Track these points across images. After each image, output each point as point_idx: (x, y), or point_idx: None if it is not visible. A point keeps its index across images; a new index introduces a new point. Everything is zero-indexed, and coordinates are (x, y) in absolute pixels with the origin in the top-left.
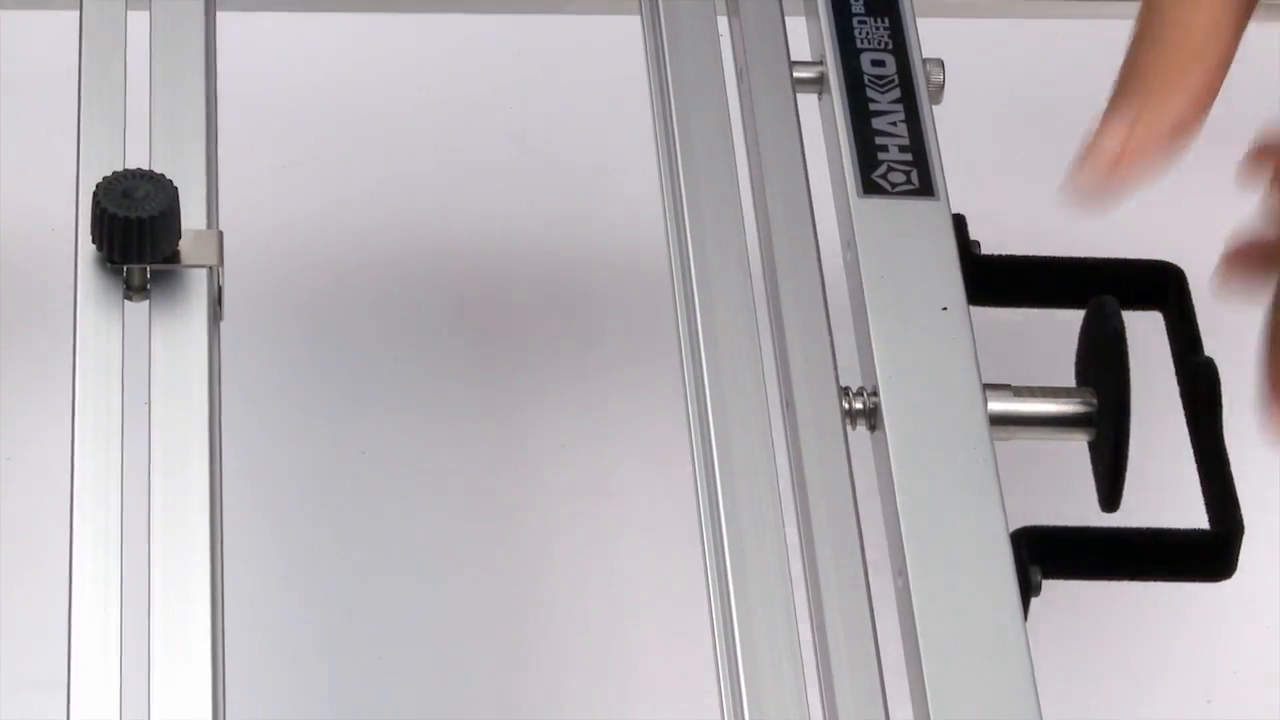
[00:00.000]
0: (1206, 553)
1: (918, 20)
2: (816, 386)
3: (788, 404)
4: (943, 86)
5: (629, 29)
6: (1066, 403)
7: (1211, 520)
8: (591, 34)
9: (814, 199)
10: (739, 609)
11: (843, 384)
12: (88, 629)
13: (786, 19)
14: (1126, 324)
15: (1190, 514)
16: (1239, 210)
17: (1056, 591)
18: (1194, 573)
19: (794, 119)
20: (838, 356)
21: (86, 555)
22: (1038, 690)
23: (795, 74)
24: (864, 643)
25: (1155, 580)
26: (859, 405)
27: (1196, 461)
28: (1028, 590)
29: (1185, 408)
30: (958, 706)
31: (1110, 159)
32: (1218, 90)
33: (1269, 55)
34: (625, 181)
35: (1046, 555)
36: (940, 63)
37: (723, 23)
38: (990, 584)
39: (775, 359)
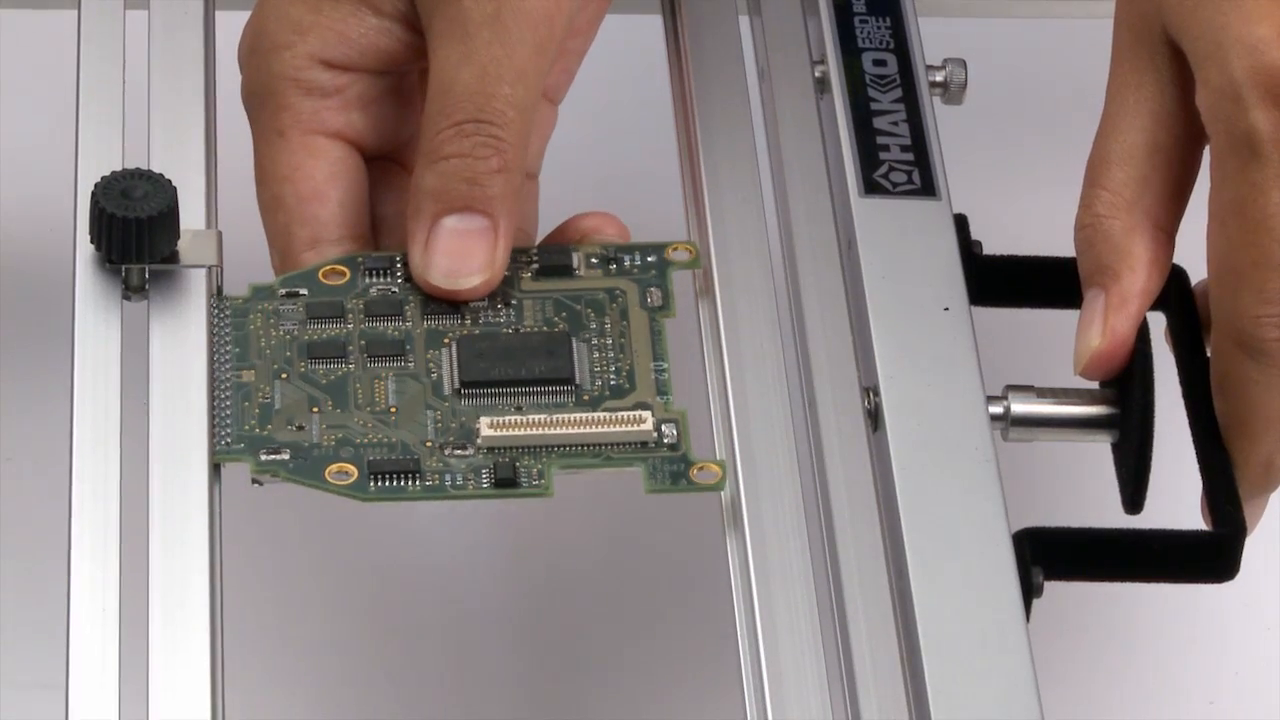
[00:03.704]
0: (1209, 554)
1: (919, 20)
2: (837, 382)
3: (809, 402)
4: (965, 86)
5: (649, 27)
6: (1090, 404)
7: (1213, 521)
8: (611, 32)
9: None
10: (761, 605)
11: None
12: (87, 629)
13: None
14: None
15: (1192, 515)
16: None
17: (1058, 592)
18: (1196, 574)
19: (815, 118)
20: None
21: (86, 555)
22: (1039, 691)
23: None
24: (886, 640)
25: (1157, 581)
26: (863, 405)
27: (1198, 462)
28: (1030, 591)
29: (1187, 408)
30: (959, 706)
31: (1098, 354)
32: (1172, 247)
33: None
34: (647, 180)
35: (1048, 556)
36: (963, 62)
37: (744, 22)
38: (992, 585)
39: (797, 357)
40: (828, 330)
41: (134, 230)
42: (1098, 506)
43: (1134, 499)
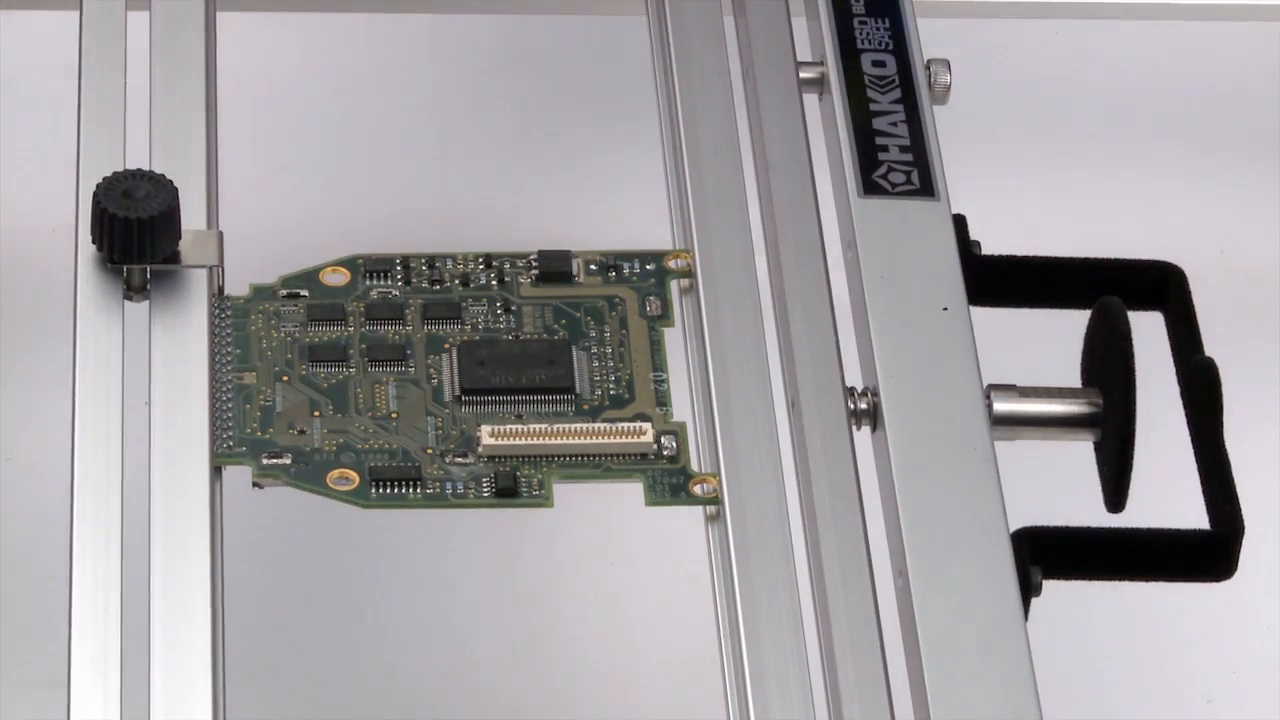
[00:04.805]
0: (1207, 553)
1: (918, 20)
2: (822, 386)
3: (793, 403)
4: (949, 87)
5: (633, 29)
6: (1072, 403)
7: (1212, 520)
8: (596, 34)
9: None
10: (744, 609)
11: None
12: (88, 629)
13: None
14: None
15: (1191, 514)
16: (1239, 210)
17: (1057, 591)
18: (1194, 573)
19: (799, 118)
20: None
21: (86, 555)
22: (1038, 690)
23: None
24: (870, 642)
25: (1156, 580)
26: (862, 405)
27: (1197, 462)
28: (1028, 590)
29: (1186, 408)
30: (958, 706)
31: None
32: None
33: (1269, 55)
34: (630, 182)
35: (1047, 555)
36: (946, 63)
37: (728, 22)
38: (991, 584)
39: (781, 358)
40: (812, 331)
41: (135, 230)
42: (1096, 506)
43: (1115, 498)
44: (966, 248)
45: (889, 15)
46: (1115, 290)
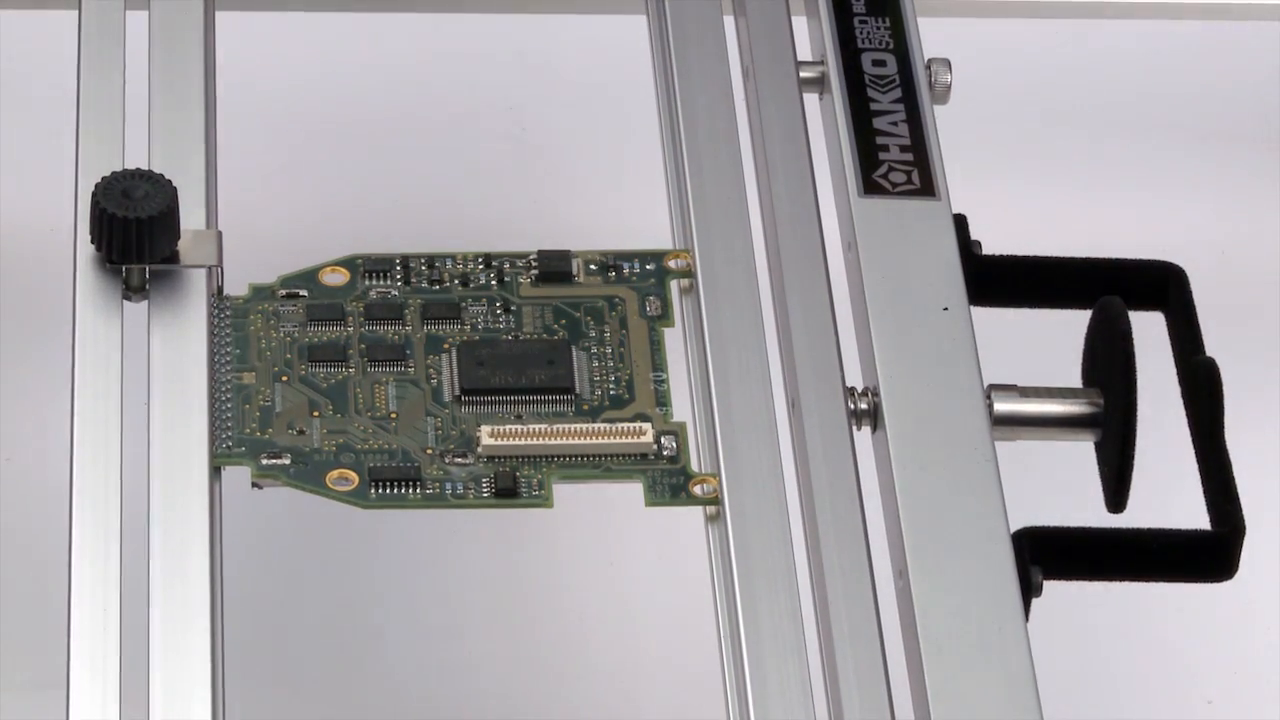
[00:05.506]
0: (1207, 553)
1: (918, 20)
2: (822, 386)
3: (794, 403)
4: (949, 87)
5: (633, 28)
6: (1073, 403)
7: (1212, 520)
8: (596, 33)
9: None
10: (744, 609)
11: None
12: (88, 629)
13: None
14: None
15: (1191, 514)
16: (1239, 210)
17: (1057, 592)
18: (1195, 573)
19: (800, 118)
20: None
21: (86, 555)
22: (1038, 690)
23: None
24: (870, 643)
25: (1156, 581)
26: (862, 405)
27: (1197, 462)
28: (1029, 590)
29: (1186, 408)
30: (958, 706)
31: None
32: None
33: (1269, 55)
34: (630, 182)
35: (1048, 555)
36: (947, 62)
37: (729, 22)
38: (991, 584)
39: (781, 358)
40: (812, 331)
41: (134, 230)
42: (1096, 506)
43: (1116, 498)
44: (967, 248)
45: (889, 15)
46: (1115, 290)
